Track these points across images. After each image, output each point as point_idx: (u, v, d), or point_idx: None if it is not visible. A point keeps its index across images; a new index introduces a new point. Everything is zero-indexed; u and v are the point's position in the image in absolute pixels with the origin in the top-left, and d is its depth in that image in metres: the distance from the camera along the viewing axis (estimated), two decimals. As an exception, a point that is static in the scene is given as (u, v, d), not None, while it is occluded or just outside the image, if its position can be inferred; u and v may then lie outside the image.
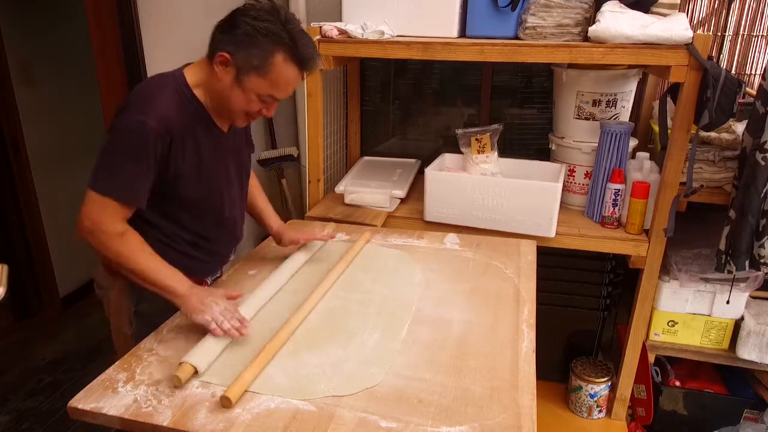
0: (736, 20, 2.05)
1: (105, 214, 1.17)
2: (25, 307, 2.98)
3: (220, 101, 1.26)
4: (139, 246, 1.20)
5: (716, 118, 1.55)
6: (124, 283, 1.34)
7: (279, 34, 1.18)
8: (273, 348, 1.13)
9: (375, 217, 1.94)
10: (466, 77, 2.39)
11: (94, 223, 1.17)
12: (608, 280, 2.12)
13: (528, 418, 0.97)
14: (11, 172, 2.77)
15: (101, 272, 1.38)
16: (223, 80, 1.22)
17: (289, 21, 1.20)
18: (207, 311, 1.15)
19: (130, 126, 1.15)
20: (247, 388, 1.03)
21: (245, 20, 1.18)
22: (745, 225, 1.60)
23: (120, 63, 1.87)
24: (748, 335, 1.84)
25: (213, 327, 1.13)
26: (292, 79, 1.23)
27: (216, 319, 1.14)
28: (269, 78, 1.20)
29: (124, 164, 1.17)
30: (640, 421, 2.07)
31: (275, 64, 1.19)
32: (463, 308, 1.33)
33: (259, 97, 1.24)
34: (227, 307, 1.18)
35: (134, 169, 1.17)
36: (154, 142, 1.17)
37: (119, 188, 1.17)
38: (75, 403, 1.00)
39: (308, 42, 1.22)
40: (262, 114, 1.29)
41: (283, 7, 1.22)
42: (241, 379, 1.02)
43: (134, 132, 1.15)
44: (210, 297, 1.18)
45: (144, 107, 1.17)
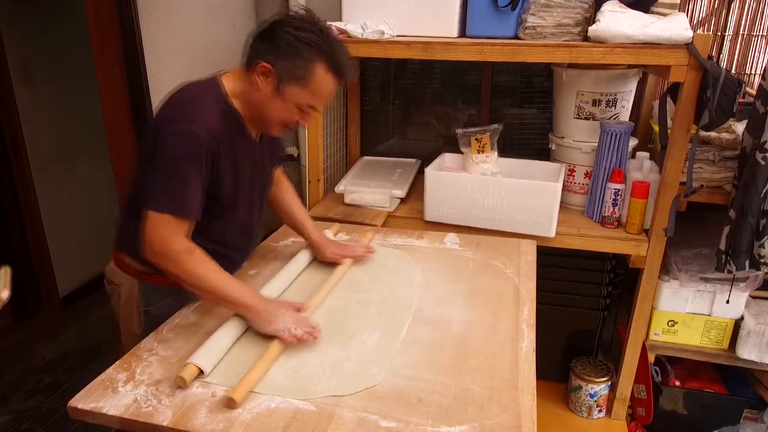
0: (736, 20, 2.05)
1: (170, 232, 1.15)
2: (25, 307, 2.98)
3: (258, 111, 1.25)
4: (208, 263, 1.19)
5: (716, 118, 1.55)
6: (137, 282, 1.34)
7: (320, 44, 1.18)
8: (277, 349, 1.13)
9: (375, 216, 1.94)
10: (466, 77, 2.39)
11: (162, 244, 1.14)
12: (608, 280, 2.12)
13: (528, 417, 0.97)
14: (11, 172, 2.77)
15: (114, 269, 1.38)
16: (263, 90, 1.21)
17: (326, 31, 1.21)
18: (278, 322, 1.16)
19: (180, 137, 1.14)
20: (252, 389, 1.03)
21: (287, 30, 1.17)
22: (745, 225, 1.60)
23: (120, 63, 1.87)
24: (748, 335, 1.84)
25: (286, 335, 1.13)
26: (330, 89, 1.24)
27: (288, 328, 1.15)
28: (310, 88, 1.20)
29: (181, 178, 1.15)
30: (640, 421, 2.07)
31: (316, 74, 1.19)
32: (463, 308, 1.33)
33: (299, 107, 1.24)
34: (297, 318, 1.19)
35: (190, 181, 1.15)
36: (206, 153, 1.16)
37: (180, 204, 1.15)
38: (75, 403, 1.00)
39: (345, 52, 1.23)
40: (298, 124, 1.28)
41: (319, 17, 1.23)
42: (246, 380, 1.02)
43: (186, 143, 1.13)
44: (279, 310, 1.18)
45: (190, 117, 1.15)
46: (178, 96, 1.22)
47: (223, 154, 1.22)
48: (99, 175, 3.17)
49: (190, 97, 1.21)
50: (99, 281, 1.64)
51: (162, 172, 1.15)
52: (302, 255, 1.55)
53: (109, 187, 2.65)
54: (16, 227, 2.86)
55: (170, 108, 1.20)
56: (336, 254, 1.53)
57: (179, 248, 1.16)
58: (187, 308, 1.32)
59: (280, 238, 1.75)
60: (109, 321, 2.88)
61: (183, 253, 1.16)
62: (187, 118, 1.15)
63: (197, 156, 1.15)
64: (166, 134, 1.15)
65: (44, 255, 2.97)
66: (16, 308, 2.97)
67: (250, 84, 1.22)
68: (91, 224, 3.22)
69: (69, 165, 3.07)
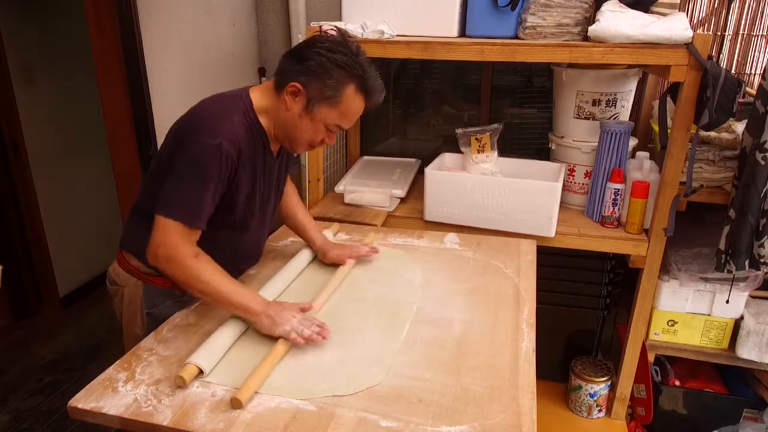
0: (736, 20, 2.05)
1: (179, 239, 1.16)
2: (24, 306, 2.98)
3: (286, 129, 1.26)
4: (212, 267, 1.19)
5: (716, 118, 1.55)
6: (140, 283, 1.34)
7: (352, 66, 1.19)
8: (282, 349, 1.13)
9: (375, 216, 1.94)
10: (466, 77, 2.39)
11: (170, 249, 1.15)
12: (608, 280, 2.13)
13: (528, 417, 0.97)
14: (11, 172, 2.77)
15: (117, 269, 1.39)
16: (292, 109, 1.22)
17: (359, 53, 1.21)
18: (285, 323, 1.16)
19: (204, 149, 1.14)
20: (257, 389, 1.02)
21: (319, 52, 1.18)
22: (745, 224, 1.60)
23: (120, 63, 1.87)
24: (748, 335, 1.84)
25: (294, 336, 1.14)
26: (359, 110, 1.25)
27: (295, 329, 1.15)
28: (339, 108, 1.22)
29: (198, 189, 1.16)
30: (640, 421, 2.07)
31: (347, 95, 1.21)
32: (463, 308, 1.33)
33: (327, 127, 1.25)
34: (304, 317, 1.19)
35: (207, 194, 1.16)
36: (226, 165, 1.17)
37: (194, 214, 1.16)
38: (75, 403, 1.00)
39: (376, 74, 1.24)
40: (323, 143, 1.30)
41: (352, 39, 1.24)
42: (251, 381, 1.02)
43: (209, 156, 1.14)
44: (285, 311, 1.19)
45: (217, 129, 1.16)
46: (206, 107, 1.23)
47: (244, 168, 1.23)
48: (99, 175, 3.17)
49: (219, 109, 1.22)
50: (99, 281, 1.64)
51: (181, 181, 1.16)
52: (302, 254, 1.55)
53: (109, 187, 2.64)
54: (16, 227, 2.86)
55: (198, 118, 1.20)
56: (340, 255, 1.53)
57: (187, 252, 1.16)
58: (188, 308, 1.32)
59: (280, 238, 1.75)
60: (108, 321, 2.91)
61: (189, 258, 1.16)
62: (213, 132, 1.16)
63: (218, 169, 1.16)
64: (190, 144, 1.15)
65: (44, 255, 2.97)
66: (16, 308, 2.97)
67: (278, 102, 1.24)
68: (90, 224, 3.22)
69: (69, 165, 3.07)
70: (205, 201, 1.17)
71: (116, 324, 1.45)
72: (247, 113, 1.23)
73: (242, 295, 1.19)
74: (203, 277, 1.17)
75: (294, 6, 2.37)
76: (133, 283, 1.35)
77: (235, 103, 1.24)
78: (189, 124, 1.20)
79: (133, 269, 1.34)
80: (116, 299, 1.41)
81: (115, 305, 1.42)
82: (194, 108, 1.24)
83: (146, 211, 1.31)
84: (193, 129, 1.17)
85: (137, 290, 1.35)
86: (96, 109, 2.07)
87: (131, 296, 1.36)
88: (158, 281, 1.33)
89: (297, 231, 1.61)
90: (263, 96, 1.26)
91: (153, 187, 1.28)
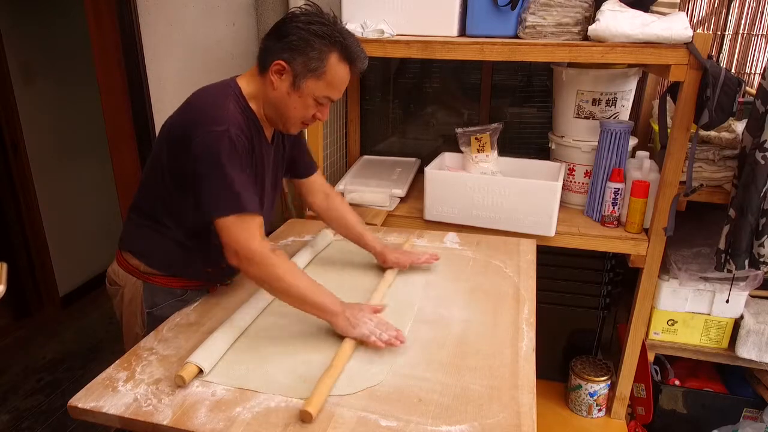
0: (736, 19, 2.05)
1: (244, 233, 1.13)
2: (24, 306, 2.98)
3: (276, 110, 1.26)
4: (291, 266, 1.19)
5: (716, 117, 1.55)
6: (140, 283, 1.34)
7: (332, 35, 1.18)
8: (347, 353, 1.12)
9: (375, 215, 1.94)
10: (465, 76, 2.39)
11: (243, 247, 1.13)
12: (608, 279, 2.12)
13: (528, 416, 0.97)
14: (11, 172, 2.77)
15: (117, 269, 1.38)
16: (280, 88, 1.22)
17: (336, 22, 1.21)
18: (363, 326, 1.16)
19: (215, 138, 1.12)
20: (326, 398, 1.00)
21: (297, 26, 1.18)
22: (745, 224, 1.60)
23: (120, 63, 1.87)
24: (748, 334, 1.84)
25: (373, 339, 1.14)
26: (345, 79, 1.25)
27: (374, 333, 1.15)
28: (325, 79, 1.21)
29: (227, 176, 1.13)
30: (640, 420, 2.07)
31: (331, 65, 1.20)
32: (463, 307, 1.33)
33: (316, 100, 1.24)
34: (380, 321, 1.19)
35: (237, 177, 1.14)
36: (241, 149, 1.16)
37: (237, 200, 1.13)
38: (75, 402, 1.00)
39: (356, 41, 1.24)
40: (316, 118, 1.29)
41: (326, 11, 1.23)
42: (319, 391, 1.00)
43: (222, 143, 1.12)
44: (361, 313, 1.19)
45: (219, 117, 1.15)
46: (201, 99, 1.22)
47: (249, 152, 1.22)
48: (99, 175, 3.17)
49: (213, 99, 1.21)
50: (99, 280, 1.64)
51: (208, 178, 1.14)
52: (303, 253, 1.55)
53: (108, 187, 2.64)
54: (16, 226, 2.85)
55: (196, 111, 1.19)
56: (399, 259, 1.51)
57: (261, 249, 1.14)
58: (188, 307, 1.32)
59: (281, 237, 1.75)
60: (108, 321, 2.91)
61: (266, 256, 1.14)
62: (216, 120, 1.14)
63: (235, 153, 1.14)
64: (199, 138, 1.13)
65: (44, 254, 2.97)
66: (16, 307, 2.97)
67: (265, 84, 1.23)
68: (90, 223, 3.22)
69: (69, 164, 3.07)
70: (241, 184, 1.14)
71: (117, 324, 1.45)
72: (239, 100, 1.23)
73: (321, 296, 1.18)
74: (282, 276, 1.15)
75: (294, 5, 2.36)
76: (133, 283, 1.35)
77: (226, 91, 1.23)
78: (188, 120, 1.18)
79: (133, 269, 1.34)
80: (116, 299, 1.40)
81: (116, 305, 1.42)
82: (188, 103, 1.23)
83: (144, 210, 1.31)
84: (195, 123, 1.16)
85: (137, 290, 1.35)
86: (96, 109, 2.07)
87: (131, 296, 1.36)
88: (159, 280, 1.33)
89: (351, 238, 1.57)
90: (250, 81, 1.26)
91: (150, 185, 1.28)
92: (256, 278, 1.17)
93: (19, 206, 2.83)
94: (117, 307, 1.41)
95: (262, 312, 1.29)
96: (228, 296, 1.37)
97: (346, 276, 1.49)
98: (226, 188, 1.13)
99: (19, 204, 2.83)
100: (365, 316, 1.18)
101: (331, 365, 1.07)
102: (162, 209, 1.28)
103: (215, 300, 1.36)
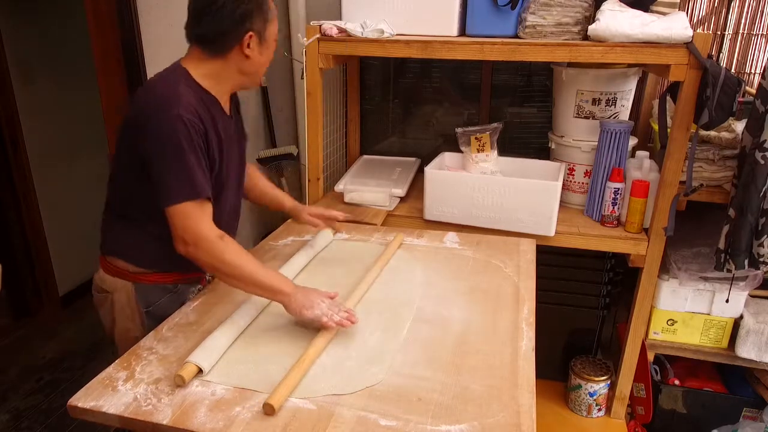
0: (736, 19, 2.05)
1: (195, 219, 1.16)
2: (24, 305, 2.98)
3: (249, 74, 1.30)
4: (239, 249, 1.20)
5: (716, 117, 1.55)
6: (131, 285, 1.34)
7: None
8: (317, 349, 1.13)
9: (375, 215, 1.94)
10: (465, 76, 2.39)
11: (193, 234, 1.16)
12: (608, 279, 2.12)
13: (527, 416, 0.97)
14: (11, 171, 2.77)
15: (103, 275, 1.38)
16: (253, 54, 1.25)
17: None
18: (315, 307, 1.17)
19: (168, 124, 1.15)
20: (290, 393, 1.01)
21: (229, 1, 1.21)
22: (745, 224, 1.60)
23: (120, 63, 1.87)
24: (747, 334, 1.84)
25: (325, 320, 1.16)
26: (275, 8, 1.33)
27: (326, 314, 1.17)
28: (273, 17, 1.29)
29: (181, 162, 1.15)
30: (640, 420, 2.07)
31: (268, 4, 1.27)
32: (463, 307, 1.33)
33: (275, 41, 1.31)
34: (332, 302, 1.21)
35: (191, 162, 1.16)
36: (195, 132, 1.18)
37: (191, 186, 1.16)
38: (75, 402, 1.00)
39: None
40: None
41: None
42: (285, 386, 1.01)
43: (175, 128, 1.14)
44: (314, 294, 1.21)
45: (169, 102, 1.16)
46: (149, 89, 1.25)
47: (210, 133, 1.24)
48: (98, 174, 3.17)
49: (163, 85, 1.22)
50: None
51: (163, 165, 1.16)
52: (302, 253, 1.55)
53: (108, 186, 2.65)
54: (16, 226, 2.85)
55: (146, 101, 1.21)
56: (312, 214, 1.59)
57: (211, 236, 1.17)
58: (187, 306, 1.32)
59: (280, 237, 1.75)
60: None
61: (216, 241, 1.17)
62: (167, 105, 1.16)
63: (190, 137, 1.16)
64: (151, 126, 1.16)
65: (44, 253, 2.97)
66: (15, 307, 2.97)
67: (227, 62, 1.26)
68: (90, 223, 3.19)
69: (69, 164, 3.07)
70: (194, 170, 1.17)
71: (105, 332, 1.43)
72: (188, 81, 1.24)
73: (272, 277, 1.20)
74: (232, 260, 1.17)
75: (294, 4, 2.36)
76: (121, 286, 1.35)
77: (174, 75, 1.24)
78: (140, 111, 1.20)
79: (121, 271, 1.34)
80: (104, 308, 1.40)
81: (103, 315, 1.41)
82: (138, 96, 1.25)
83: (117, 211, 1.33)
84: (147, 112, 1.18)
85: (129, 292, 1.35)
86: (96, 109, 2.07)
87: (125, 299, 1.36)
88: (149, 278, 1.34)
89: (269, 202, 1.64)
90: (198, 65, 1.26)
91: (116, 183, 1.30)
92: (205, 264, 1.19)
93: (19, 206, 2.83)
94: (106, 315, 1.40)
95: (261, 311, 1.29)
96: (228, 296, 1.37)
97: (346, 275, 1.49)
98: (178, 173, 1.16)
99: (19, 204, 2.83)
100: (318, 297, 1.20)
101: (301, 358, 1.07)
102: (132, 205, 1.31)
103: (215, 299, 1.36)
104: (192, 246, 1.17)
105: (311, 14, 2.39)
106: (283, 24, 2.53)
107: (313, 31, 1.84)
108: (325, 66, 1.87)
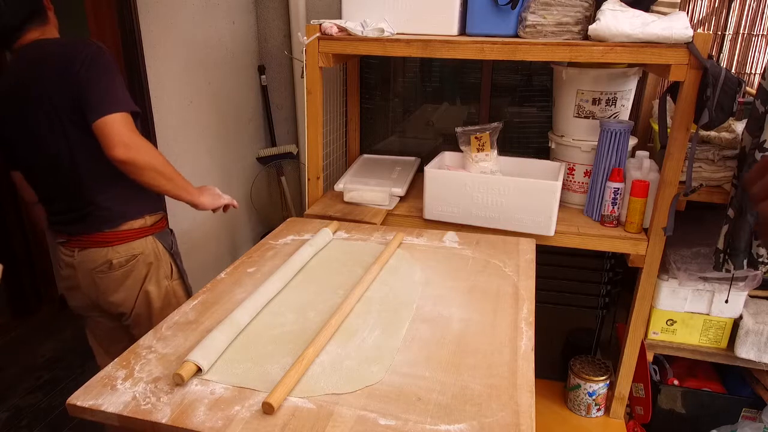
0: (737, 19, 2.05)
1: (132, 128, 1.34)
2: (24, 304, 2.98)
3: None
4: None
5: (716, 117, 1.55)
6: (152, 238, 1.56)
7: None
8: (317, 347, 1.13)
9: (374, 215, 1.94)
10: (465, 75, 2.39)
11: (132, 139, 1.33)
12: (607, 279, 2.13)
13: (527, 416, 0.97)
14: (10, 170, 2.77)
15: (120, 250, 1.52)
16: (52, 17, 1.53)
17: None
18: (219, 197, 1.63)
19: (98, 50, 1.35)
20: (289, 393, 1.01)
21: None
22: (744, 224, 1.60)
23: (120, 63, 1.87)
24: (747, 334, 1.84)
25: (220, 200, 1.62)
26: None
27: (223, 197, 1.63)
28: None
29: (120, 79, 1.37)
30: (639, 420, 2.08)
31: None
32: (463, 306, 1.33)
33: None
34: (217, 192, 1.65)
35: (122, 81, 1.38)
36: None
37: (131, 102, 1.37)
38: (74, 400, 1.00)
39: None
40: None
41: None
42: (284, 385, 1.00)
43: (102, 51, 1.36)
44: (210, 187, 1.62)
45: (81, 41, 1.38)
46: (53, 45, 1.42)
47: None
48: (98, 173, 3.17)
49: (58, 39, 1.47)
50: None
51: (108, 80, 1.34)
52: (302, 252, 1.55)
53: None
54: (16, 225, 2.85)
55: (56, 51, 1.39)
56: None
57: (144, 140, 1.37)
58: (186, 305, 1.32)
59: (280, 236, 1.75)
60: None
61: (150, 144, 1.38)
62: (83, 42, 1.37)
63: (113, 61, 1.39)
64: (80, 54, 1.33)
65: (43, 253, 2.97)
66: (15, 306, 2.97)
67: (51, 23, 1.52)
68: (90, 222, 3.21)
69: (68, 162, 3.07)
70: (124, 86, 1.39)
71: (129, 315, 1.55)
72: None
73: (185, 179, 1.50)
74: (163, 159, 1.41)
75: (294, 3, 2.36)
76: (144, 243, 1.51)
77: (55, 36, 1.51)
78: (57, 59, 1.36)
79: (143, 230, 1.51)
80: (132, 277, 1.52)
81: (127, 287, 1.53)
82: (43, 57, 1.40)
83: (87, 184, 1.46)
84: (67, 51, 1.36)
85: (155, 244, 1.53)
86: (95, 106, 2.07)
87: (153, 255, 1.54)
88: (159, 225, 1.57)
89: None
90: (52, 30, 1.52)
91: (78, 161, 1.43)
92: (144, 164, 1.35)
93: (18, 205, 2.83)
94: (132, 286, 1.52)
95: (261, 310, 1.29)
96: (227, 295, 1.37)
97: (346, 274, 1.49)
98: (119, 89, 1.35)
99: (19, 202, 2.83)
100: (214, 189, 1.62)
101: (300, 357, 1.07)
102: (100, 164, 1.40)
103: (214, 298, 1.36)
104: (134, 149, 1.33)
105: (311, 13, 2.39)
106: (283, 23, 2.53)
107: (313, 30, 1.84)
108: (325, 65, 1.86)
